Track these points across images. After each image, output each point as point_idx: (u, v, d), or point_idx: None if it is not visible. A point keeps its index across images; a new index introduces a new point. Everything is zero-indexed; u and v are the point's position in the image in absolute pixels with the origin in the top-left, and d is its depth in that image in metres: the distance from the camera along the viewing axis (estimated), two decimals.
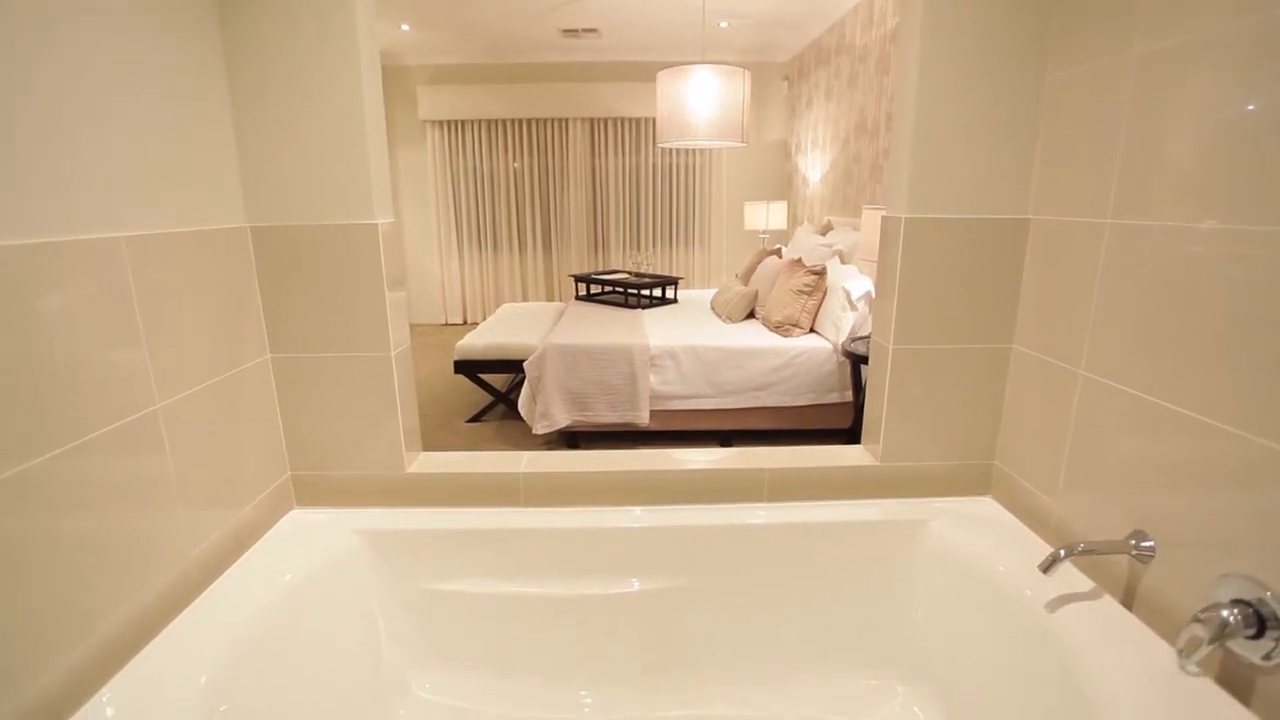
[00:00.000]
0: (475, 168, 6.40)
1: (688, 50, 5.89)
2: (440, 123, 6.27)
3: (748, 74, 3.82)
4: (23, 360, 0.82)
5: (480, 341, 3.63)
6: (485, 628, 1.40)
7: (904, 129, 1.32)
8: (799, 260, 3.56)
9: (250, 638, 1.06)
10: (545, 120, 6.30)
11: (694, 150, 6.41)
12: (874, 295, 1.47)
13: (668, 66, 3.79)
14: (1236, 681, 0.88)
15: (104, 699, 0.89)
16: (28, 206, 0.83)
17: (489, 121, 6.28)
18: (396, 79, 6.20)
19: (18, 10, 0.82)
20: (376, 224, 1.30)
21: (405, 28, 5.05)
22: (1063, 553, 1.03)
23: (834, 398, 3.26)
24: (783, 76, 6.21)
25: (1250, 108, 0.86)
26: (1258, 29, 0.85)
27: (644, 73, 6.17)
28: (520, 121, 6.30)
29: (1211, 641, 0.84)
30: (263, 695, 1.04)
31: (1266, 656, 0.82)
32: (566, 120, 6.29)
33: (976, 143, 1.30)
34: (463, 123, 6.29)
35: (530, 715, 1.36)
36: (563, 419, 3.19)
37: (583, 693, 1.40)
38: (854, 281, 3.23)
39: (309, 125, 1.26)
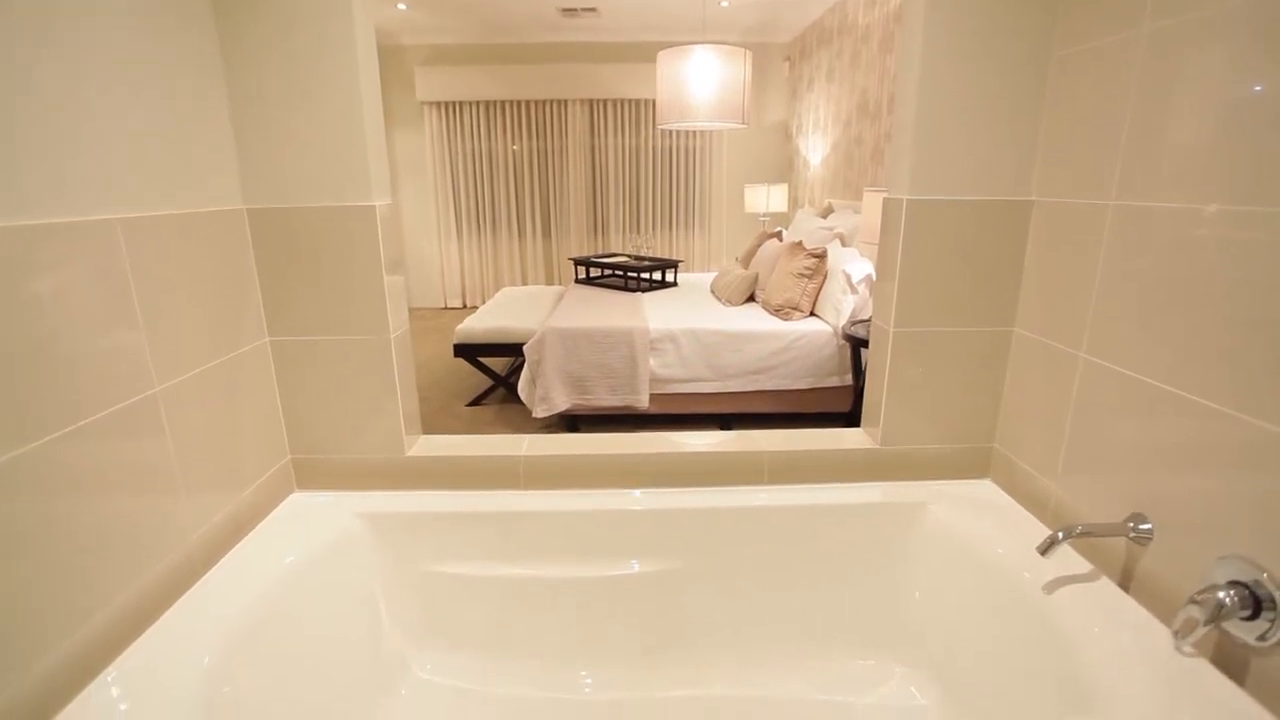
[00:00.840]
0: (474, 150, 6.35)
1: (688, 30, 5.83)
2: (438, 104, 6.21)
3: (749, 54, 3.78)
4: (18, 343, 0.81)
5: (480, 325, 3.63)
6: (486, 609, 1.41)
7: (907, 109, 1.31)
8: (799, 243, 3.54)
9: (252, 620, 1.07)
10: (544, 102, 6.24)
11: (694, 132, 6.35)
12: (874, 278, 1.47)
13: (668, 47, 3.75)
14: (1231, 662, 0.89)
15: (109, 679, 0.90)
16: (19, 187, 0.82)
17: (487, 103, 6.22)
18: (393, 59, 6.13)
19: None
20: (374, 206, 1.29)
21: (402, 7, 4.98)
22: (1061, 535, 1.03)
23: (834, 381, 3.26)
24: (784, 57, 6.14)
25: (1258, 88, 0.84)
26: (1270, 3, 0.83)
27: (644, 53, 6.10)
28: (519, 103, 6.24)
29: (1207, 623, 0.84)
30: (264, 677, 1.05)
31: (1261, 637, 0.83)
32: (565, 102, 6.23)
33: (980, 123, 1.28)
34: (460, 104, 6.23)
35: (531, 695, 1.37)
36: (562, 402, 3.20)
37: (583, 673, 1.42)
38: (855, 264, 3.22)
39: (305, 107, 1.25)
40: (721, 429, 3.37)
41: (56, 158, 0.87)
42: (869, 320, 2.68)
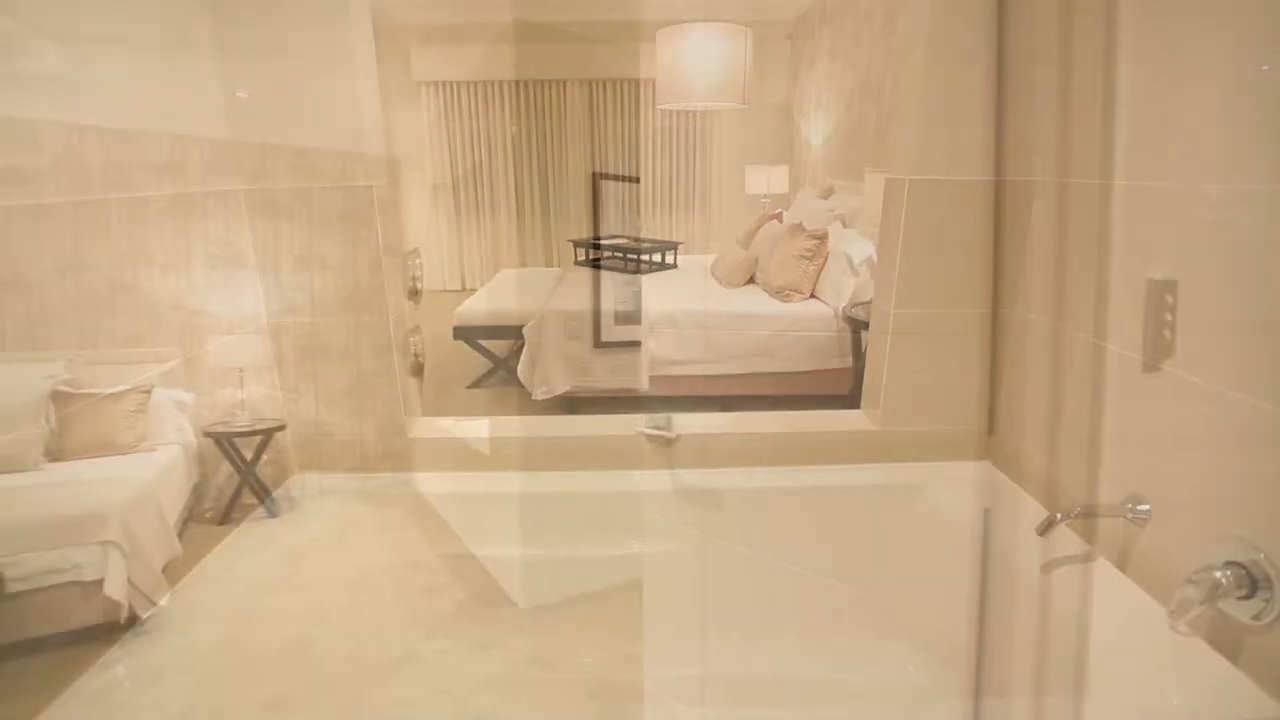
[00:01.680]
0: (472, 130, 6.29)
1: (688, 9, 5.73)
2: (435, 84, 6.14)
3: (750, 33, 3.73)
4: (11, 327, 0.81)
5: (479, 307, 3.62)
6: (487, 590, 1.42)
7: (911, 89, 1.30)
8: (800, 225, 3.52)
9: (253, 600, 1.07)
10: (543, 82, 6.17)
11: (694, 113, 6.28)
12: (876, 260, 1.46)
13: (668, 25, 3.69)
14: (1225, 641, 0.89)
15: (113, 658, 0.91)
16: (20, 169, 0.81)
17: (485, 83, 6.15)
18: (389, 38, 6.04)
19: None
20: (371, 186, 1.28)
21: None
22: (1059, 516, 1.04)
23: (834, 364, 3.25)
24: (785, 36, 6.06)
25: (1265, 68, 0.83)
26: None
27: (644, 33, 6.00)
28: (517, 83, 6.17)
29: (1203, 602, 0.85)
30: (265, 658, 1.06)
31: (1256, 617, 0.83)
32: (564, 82, 6.16)
33: (983, 104, 1.27)
34: (458, 84, 6.16)
35: (532, 676, 1.38)
36: (562, 384, 3.19)
37: (583, 654, 1.43)
38: (856, 246, 3.19)
39: (301, 86, 1.23)
40: (722, 412, 3.37)
41: (58, 144, 0.86)
42: (870, 302, 2.67)
